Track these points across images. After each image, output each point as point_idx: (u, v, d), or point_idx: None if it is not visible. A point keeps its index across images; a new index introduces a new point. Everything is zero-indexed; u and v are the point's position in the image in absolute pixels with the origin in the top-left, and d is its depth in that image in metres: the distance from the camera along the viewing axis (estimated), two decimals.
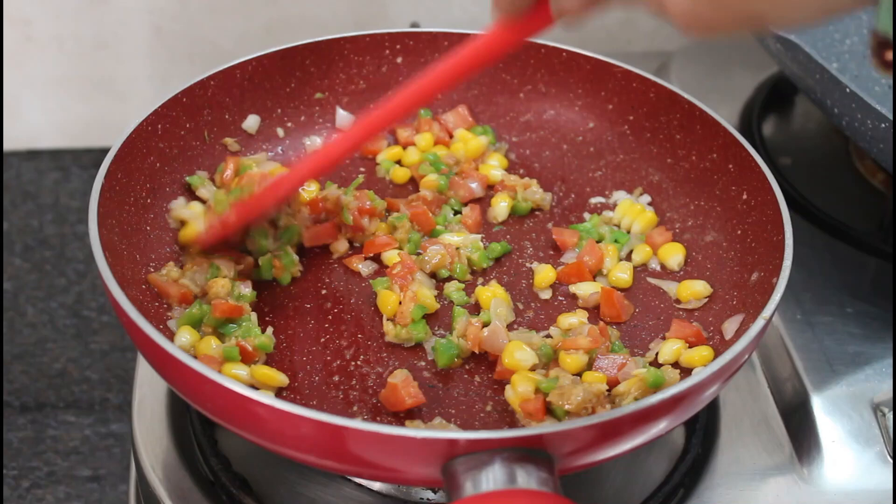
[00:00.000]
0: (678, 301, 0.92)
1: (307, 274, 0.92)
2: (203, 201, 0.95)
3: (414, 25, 1.18)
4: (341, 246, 0.94)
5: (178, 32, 1.32)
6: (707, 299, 0.91)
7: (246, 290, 0.87)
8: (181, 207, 0.93)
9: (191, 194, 0.95)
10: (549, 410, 0.79)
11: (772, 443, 0.91)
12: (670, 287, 0.92)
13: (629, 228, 0.97)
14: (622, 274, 0.93)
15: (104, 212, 0.84)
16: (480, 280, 0.93)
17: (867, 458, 0.89)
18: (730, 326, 0.86)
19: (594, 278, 0.93)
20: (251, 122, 1.01)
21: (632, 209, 0.97)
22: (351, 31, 1.03)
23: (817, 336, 0.97)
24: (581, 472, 0.76)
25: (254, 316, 0.86)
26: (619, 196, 1.00)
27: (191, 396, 0.77)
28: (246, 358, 0.83)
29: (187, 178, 0.95)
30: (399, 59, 1.04)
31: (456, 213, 0.98)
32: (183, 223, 0.92)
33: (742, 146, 0.93)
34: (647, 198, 1.00)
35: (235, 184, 0.93)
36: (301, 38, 1.01)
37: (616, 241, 0.95)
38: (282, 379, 0.83)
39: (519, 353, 0.83)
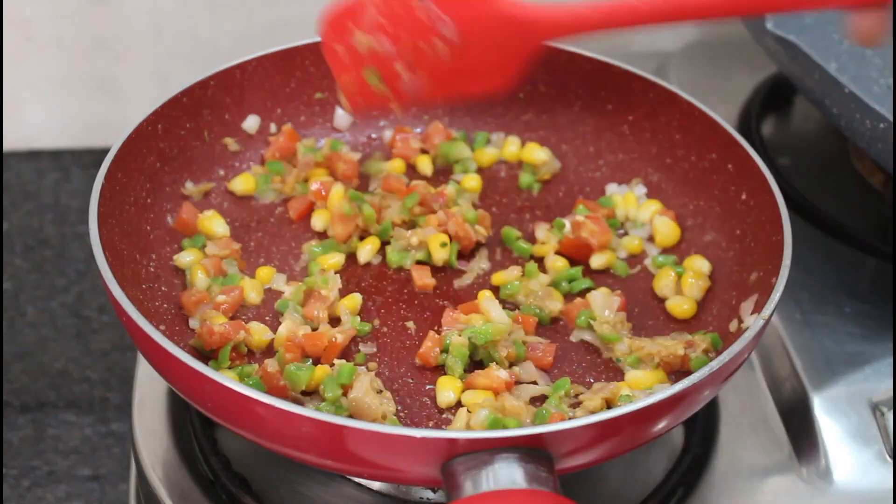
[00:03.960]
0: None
1: None
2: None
3: None
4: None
5: (178, 32, 1.32)
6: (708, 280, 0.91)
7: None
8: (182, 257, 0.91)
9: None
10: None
11: (771, 442, 0.92)
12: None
13: (626, 219, 0.98)
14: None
15: (104, 212, 0.85)
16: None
17: (866, 457, 0.90)
18: (746, 306, 0.86)
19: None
20: (251, 122, 1.01)
21: (625, 200, 0.98)
22: None
23: (816, 336, 0.97)
24: (581, 471, 0.76)
25: None
26: (611, 189, 1.01)
27: (191, 396, 0.77)
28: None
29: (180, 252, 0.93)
30: None
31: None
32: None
33: (741, 146, 0.93)
34: (642, 188, 1.00)
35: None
36: (301, 38, 1.02)
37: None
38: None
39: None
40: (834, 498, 0.88)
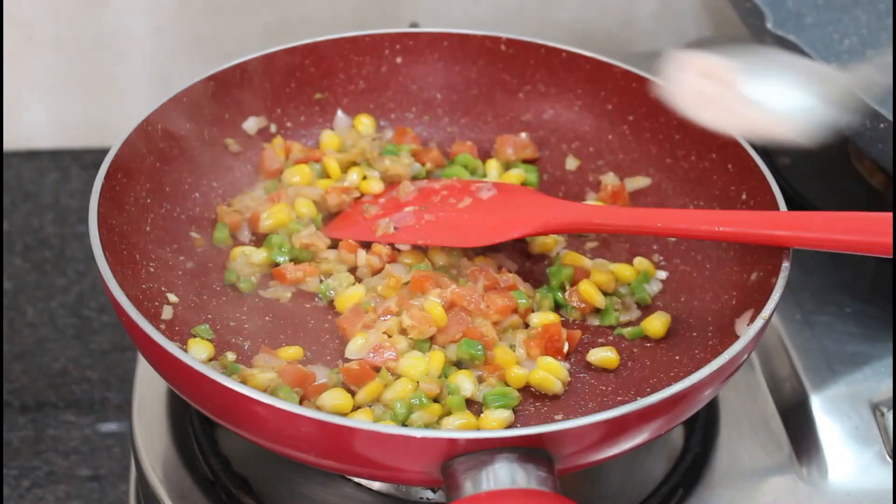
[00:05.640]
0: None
1: None
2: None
3: (414, 25, 1.18)
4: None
5: (178, 32, 1.32)
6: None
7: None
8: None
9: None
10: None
11: (771, 442, 0.92)
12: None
13: None
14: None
15: (104, 212, 0.85)
16: None
17: (866, 457, 0.90)
18: (740, 322, 0.86)
19: None
20: (251, 123, 1.01)
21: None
22: (351, 31, 1.03)
23: (816, 336, 0.97)
24: (581, 471, 0.76)
25: None
26: (609, 179, 1.01)
27: (191, 396, 0.77)
28: None
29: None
30: (399, 60, 1.05)
31: None
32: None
33: (741, 146, 0.93)
34: (646, 180, 1.00)
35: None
36: (301, 38, 1.02)
37: None
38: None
39: None
40: (834, 498, 0.88)
